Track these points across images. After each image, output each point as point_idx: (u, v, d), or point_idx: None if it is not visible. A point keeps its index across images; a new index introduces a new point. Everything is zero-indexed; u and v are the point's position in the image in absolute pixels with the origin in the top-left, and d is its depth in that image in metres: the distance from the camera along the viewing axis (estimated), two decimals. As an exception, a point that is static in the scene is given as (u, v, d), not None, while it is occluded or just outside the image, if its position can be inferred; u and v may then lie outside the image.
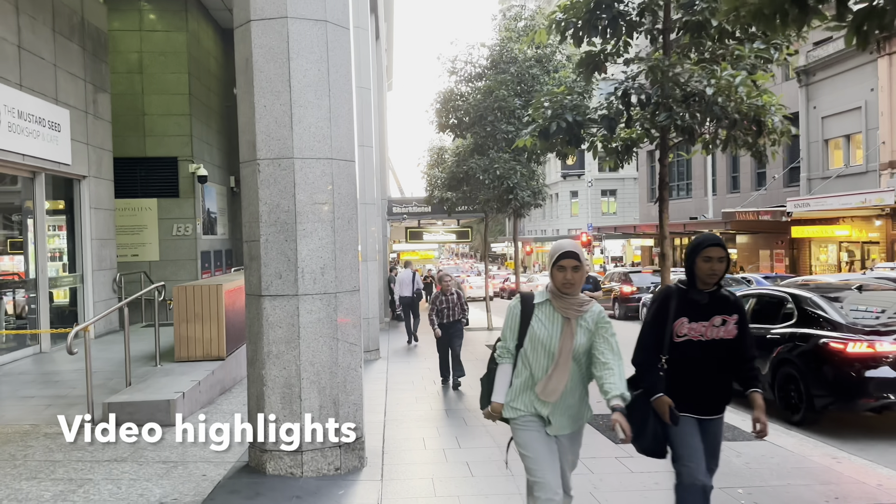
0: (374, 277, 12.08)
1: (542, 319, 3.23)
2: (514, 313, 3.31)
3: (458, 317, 9.46)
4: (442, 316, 9.40)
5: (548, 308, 3.25)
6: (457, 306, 9.44)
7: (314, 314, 5.07)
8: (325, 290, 5.10)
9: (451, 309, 9.36)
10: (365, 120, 11.75)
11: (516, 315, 3.30)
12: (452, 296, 9.42)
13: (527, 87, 12.50)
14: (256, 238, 5.11)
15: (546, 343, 3.20)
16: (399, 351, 13.68)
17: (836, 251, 27.65)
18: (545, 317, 3.24)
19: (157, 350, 8.42)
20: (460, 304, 9.52)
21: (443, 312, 9.39)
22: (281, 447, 5.01)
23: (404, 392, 8.82)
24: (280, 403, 5.07)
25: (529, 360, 3.26)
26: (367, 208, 11.92)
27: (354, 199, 5.35)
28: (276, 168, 5.05)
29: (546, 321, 3.23)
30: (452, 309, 9.37)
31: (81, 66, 10.96)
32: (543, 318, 3.24)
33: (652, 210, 42.59)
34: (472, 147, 12.79)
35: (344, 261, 5.21)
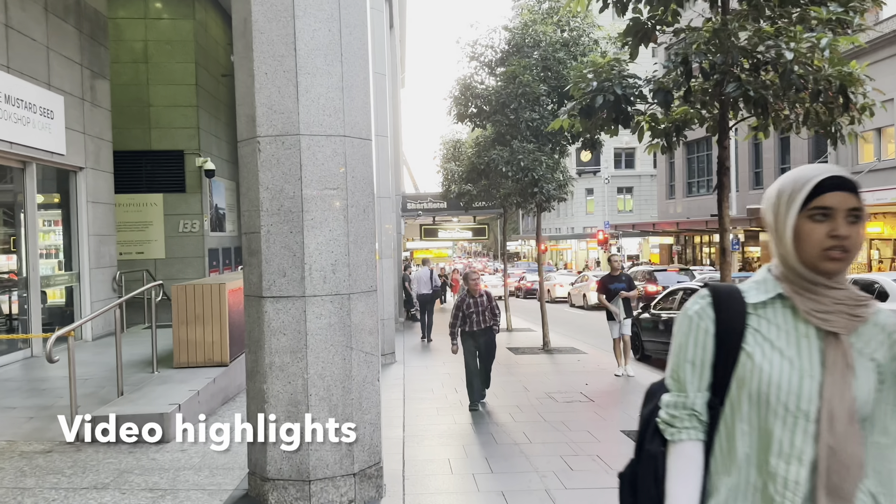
0: (389, 276, 11.32)
1: (774, 338, 1.46)
2: (700, 327, 1.51)
3: (489, 323, 7.91)
4: (469, 323, 7.84)
5: (781, 313, 1.48)
6: (487, 311, 7.89)
7: (324, 319, 4.30)
8: (336, 291, 4.32)
9: (480, 314, 7.86)
10: (380, 108, 10.99)
11: (705, 331, 1.51)
12: (482, 297, 7.88)
13: (553, 72, 11.67)
14: (256, 230, 4.35)
15: (791, 391, 1.41)
16: (415, 352, 12.92)
17: (865, 249, 26.62)
18: (779, 332, 1.46)
19: (154, 355, 7.71)
20: (491, 307, 7.93)
21: (470, 318, 7.84)
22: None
23: (424, 402, 8.04)
24: (285, 423, 4.30)
25: (750, 431, 1.46)
26: (382, 202, 11.17)
27: (371, 184, 4.57)
28: (279, 146, 4.29)
29: (784, 341, 1.45)
30: (482, 314, 7.86)
31: (77, 49, 10.26)
32: (775, 334, 1.46)
33: (670, 207, 41.56)
34: (494, 137, 11.97)
35: (359, 256, 4.44)
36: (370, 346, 4.50)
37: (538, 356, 12.00)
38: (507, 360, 11.57)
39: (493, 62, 12.34)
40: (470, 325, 7.86)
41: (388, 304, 11.30)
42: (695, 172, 39.71)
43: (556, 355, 12.09)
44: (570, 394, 8.42)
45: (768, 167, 31.72)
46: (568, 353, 12.39)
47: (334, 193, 4.32)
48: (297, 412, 4.29)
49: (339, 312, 4.33)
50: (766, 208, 1.54)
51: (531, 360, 11.65)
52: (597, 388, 8.87)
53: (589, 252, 57.45)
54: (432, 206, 21.09)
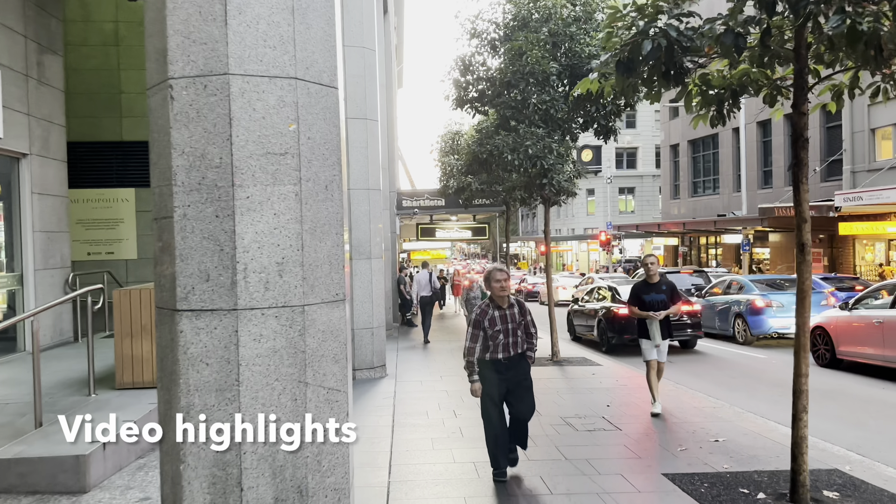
0: (379, 278, 9.99)
1: None
2: None
3: (521, 347, 5.29)
4: (493, 347, 5.21)
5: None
6: (520, 328, 5.28)
7: (265, 342, 2.97)
8: (284, 302, 3.00)
9: (509, 334, 5.22)
10: (369, 86, 9.67)
11: None
12: (512, 309, 5.28)
13: (565, 50, 10.35)
14: (168, 213, 3.02)
15: None
16: (410, 362, 11.58)
17: (884, 249, 25.38)
18: None
19: (91, 375, 6.39)
20: (525, 322, 5.33)
21: (494, 340, 5.19)
22: (207, 572, 2.92)
23: (417, 430, 6.71)
24: (208, 495, 2.97)
25: None
26: (372, 195, 9.85)
27: (338, 150, 3.24)
28: (199, 92, 2.96)
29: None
30: (513, 334, 5.23)
31: (20, 18, 8.92)
32: None
33: (674, 208, 40.35)
34: (498, 123, 10.65)
35: (318, 252, 3.11)
36: (335, 380, 3.17)
37: (547, 369, 10.67)
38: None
39: (496, 40, 11.01)
40: (493, 350, 5.21)
41: (379, 310, 9.98)
42: (700, 172, 38.59)
43: (567, 367, 10.76)
44: (590, 419, 7.09)
45: (778, 166, 30.55)
46: (580, 364, 11.06)
47: (281, 161, 3.00)
48: (226, 479, 2.95)
49: (287, 333, 3.00)
50: None
51: (540, 373, 10.29)
52: (620, 410, 7.55)
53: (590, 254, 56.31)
54: (429, 203, 19.77)
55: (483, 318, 5.25)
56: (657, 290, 7.46)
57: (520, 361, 5.30)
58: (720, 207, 35.15)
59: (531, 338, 5.38)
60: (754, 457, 5.64)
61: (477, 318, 5.28)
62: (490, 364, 5.23)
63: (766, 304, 13.46)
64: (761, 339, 13.87)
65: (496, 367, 5.23)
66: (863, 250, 26.53)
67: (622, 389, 8.81)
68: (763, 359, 12.07)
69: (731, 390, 9.05)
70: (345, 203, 3.33)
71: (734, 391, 9.02)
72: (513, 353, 5.24)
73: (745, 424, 6.83)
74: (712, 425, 6.70)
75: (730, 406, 7.88)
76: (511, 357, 5.23)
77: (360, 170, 9.61)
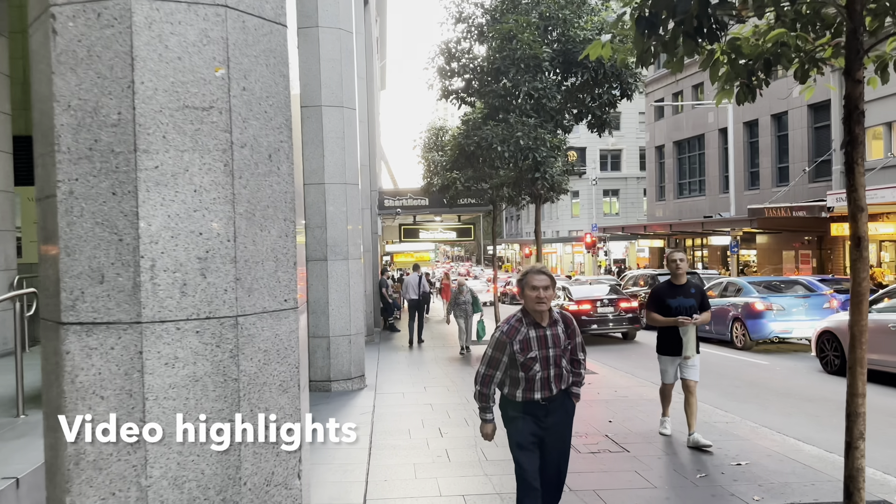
0: (357, 281, 9.17)
1: None
2: None
3: (565, 383, 3.66)
4: (527, 383, 3.60)
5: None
6: (564, 357, 3.64)
7: (183, 368, 2.17)
8: (209, 312, 2.19)
9: (550, 364, 3.60)
10: (346, 72, 8.86)
11: None
12: (555, 329, 3.64)
13: (557, 34, 9.62)
14: (52, 191, 2.20)
15: None
16: (392, 371, 10.77)
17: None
18: None
19: (20, 393, 5.51)
20: (573, 346, 3.71)
21: (529, 373, 3.58)
22: None
23: (398, 453, 5.89)
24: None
25: None
26: (350, 190, 9.04)
27: (286, 107, 2.44)
28: (90, 23, 2.15)
29: None
30: (554, 364, 3.60)
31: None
32: None
33: (658, 210, 39.89)
34: (486, 113, 9.88)
35: (259, 243, 2.31)
36: (282, 417, 2.36)
37: (539, 378, 9.91)
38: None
39: (483, 25, 10.25)
40: (527, 386, 3.59)
41: (358, 315, 9.16)
42: (686, 173, 38.16)
43: (561, 376, 10.00)
44: (592, 437, 6.33)
45: (765, 166, 30.15)
46: (573, 372, 10.30)
47: (205, 119, 2.19)
48: (125, 556, 2.14)
49: (213, 354, 2.19)
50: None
51: (531, 383, 9.55)
52: (625, 426, 6.80)
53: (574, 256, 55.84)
54: (412, 203, 18.95)
55: (511, 338, 3.55)
56: (685, 293, 6.06)
57: (563, 403, 3.63)
58: (706, 209, 34.74)
59: (579, 366, 3.71)
60: (786, 484, 4.90)
61: (501, 338, 3.56)
62: (521, 406, 3.59)
63: (766, 307, 12.82)
64: (760, 344, 13.23)
65: (531, 410, 3.58)
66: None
67: (622, 402, 8.07)
68: (766, 365, 11.39)
69: (740, 401, 8.35)
70: (297, 180, 2.52)
71: (743, 402, 8.31)
72: (555, 392, 3.57)
73: (765, 443, 6.10)
74: (729, 445, 5.96)
75: (742, 420, 7.17)
76: (552, 398, 3.57)
77: (336, 163, 8.80)
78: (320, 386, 8.73)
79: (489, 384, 3.64)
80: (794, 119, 28.06)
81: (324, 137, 8.67)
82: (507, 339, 3.57)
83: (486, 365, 3.64)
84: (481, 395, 3.66)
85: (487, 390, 3.64)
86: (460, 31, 10.41)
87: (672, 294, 6.09)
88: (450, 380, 9.93)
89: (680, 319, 5.92)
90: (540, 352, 3.56)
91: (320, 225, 8.74)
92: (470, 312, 12.58)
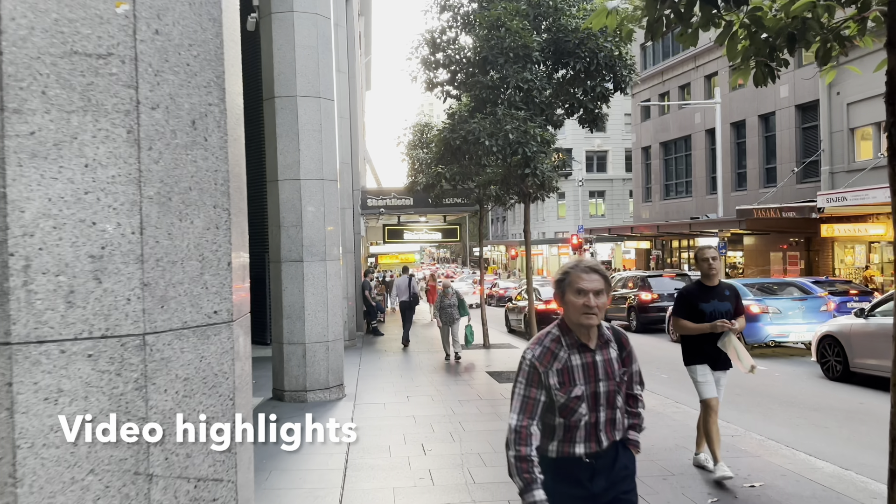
0: (336, 283, 8.60)
1: None
2: None
3: (621, 431, 2.51)
4: (567, 433, 2.43)
5: None
6: (619, 392, 2.48)
7: (70, 403, 1.61)
8: (105, 329, 1.63)
9: (601, 404, 2.44)
10: (323, 60, 8.29)
11: None
12: (606, 351, 2.48)
13: (549, 23, 9.11)
14: None
15: None
16: (374, 377, 10.20)
17: (863, 252, 24.76)
18: None
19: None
20: (629, 376, 2.54)
21: (572, 418, 2.41)
22: None
23: (375, 475, 5.33)
24: None
25: None
26: (328, 187, 8.46)
27: (218, 60, 1.88)
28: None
29: None
30: (607, 404, 2.45)
31: None
32: None
33: (644, 211, 39.64)
34: (473, 106, 9.35)
35: (178, 237, 1.75)
36: (210, 464, 1.81)
37: (529, 385, 9.39)
38: (489, 392, 8.95)
39: (469, 14, 9.73)
40: (567, 438, 2.44)
41: (336, 320, 8.58)
42: (672, 174, 37.95)
43: (551, 384, 9.49)
44: (589, 454, 5.80)
45: (752, 167, 29.95)
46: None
47: (101, 70, 1.64)
48: None
49: (112, 385, 1.64)
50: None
51: (521, 391, 9.02)
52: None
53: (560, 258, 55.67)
54: (396, 202, 18.40)
55: (546, 365, 2.40)
56: (719, 296, 5.18)
57: (617, 457, 2.48)
58: (693, 210, 34.54)
59: (636, 403, 2.58)
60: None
61: (532, 367, 2.40)
62: (553, 467, 2.43)
63: (761, 309, 12.38)
64: (756, 348, 12.80)
65: (569, 473, 2.44)
66: (842, 253, 25.91)
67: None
68: (764, 371, 10.95)
69: (742, 411, 7.87)
70: (235, 157, 1.97)
71: (745, 412, 7.84)
72: (605, 444, 2.45)
73: (776, 460, 5.61)
74: (739, 463, 5.47)
75: (746, 432, 6.68)
76: (602, 452, 2.45)
77: (312, 157, 8.23)
78: (295, 396, 8.15)
79: (528, 441, 2.31)
80: (782, 120, 27.87)
81: (299, 130, 8.09)
82: (542, 365, 2.38)
83: (520, 411, 2.36)
84: (520, 463, 2.30)
85: (528, 450, 2.30)
86: (445, 20, 9.87)
87: (705, 297, 5.18)
88: (434, 388, 9.38)
89: (719, 324, 5.02)
90: (587, 386, 2.40)
91: (296, 224, 8.16)
92: (456, 316, 11.99)
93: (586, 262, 2.45)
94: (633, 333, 17.70)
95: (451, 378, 10.34)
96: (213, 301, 1.82)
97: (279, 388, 8.23)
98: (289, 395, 8.15)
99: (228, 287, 1.86)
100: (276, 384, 8.32)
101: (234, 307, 1.87)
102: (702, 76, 33.05)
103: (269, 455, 5.46)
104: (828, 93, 25.00)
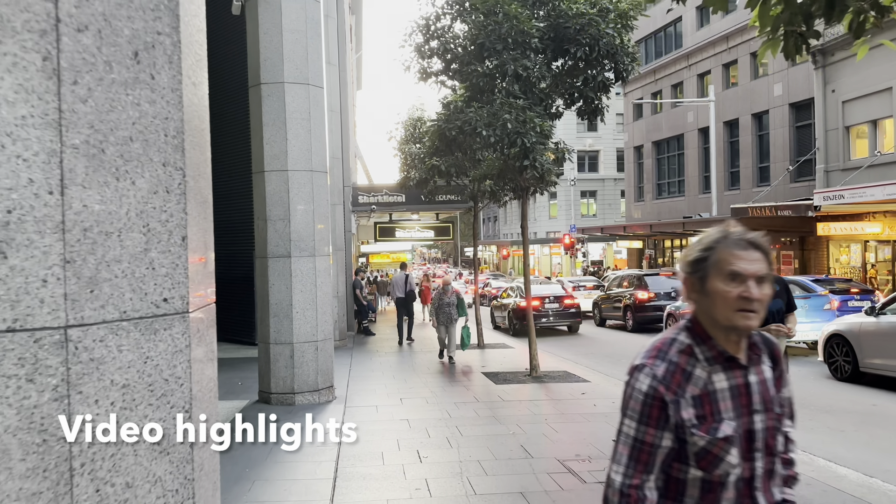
0: (325, 280, 8.18)
1: None
2: None
3: (779, 489, 1.66)
4: (707, 493, 1.54)
5: None
6: (779, 431, 1.63)
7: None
8: (13, 321, 1.22)
9: (759, 448, 1.58)
10: (312, 45, 7.87)
11: None
12: (759, 370, 1.63)
13: (549, 8, 8.74)
14: None
15: None
16: (366, 380, 9.77)
17: (859, 251, 24.57)
18: None
19: None
20: (784, 407, 1.67)
21: (713, 472, 1.53)
22: None
23: (368, 485, 4.93)
24: None
25: None
26: (317, 178, 8.05)
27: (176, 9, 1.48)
28: None
29: None
30: (764, 450, 1.59)
31: None
32: None
33: (637, 211, 39.41)
34: (469, 95, 8.96)
35: (112, 200, 1.34)
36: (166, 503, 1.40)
37: (527, 386, 9.02)
38: (486, 394, 8.56)
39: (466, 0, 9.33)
40: (707, 501, 1.55)
41: (325, 318, 8.17)
42: (665, 173, 37.77)
43: (550, 385, 9.12)
44: (597, 461, 5.42)
45: (746, 166, 29.75)
46: (563, 380, 9.43)
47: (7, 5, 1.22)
48: None
49: (22, 395, 1.23)
50: None
51: (519, 392, 8.65)
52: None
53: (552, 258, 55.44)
54: (388, 199, 17.98)
55: (675, 390, 1.55)
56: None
57: None
58: (685, 209, 34.36)
59: (789, 447, 1.74)
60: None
61: (650, 396, 1.55)
62: None
63: None
64: (757, 348, 12.47)
65: None
66: (837, 252, 25.72)
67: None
68: (768, 371, 10.62)
69: (751, 413, 7.51)
70: (189, 102, 1.56)
71: (754, 414, 7.48)
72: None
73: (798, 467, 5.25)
74: (757, 470, 5.10)
75: (759, 436, 6.32)
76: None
77: (301, 147, 7.81)
78: (282, 399, 7.73)
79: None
80: (775, 118, 27.70)
81: (287, 118, 7.68)
82: (668, 394, 1.55)
83: (629, 463, 1.57)
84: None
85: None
86: (440, 6, 9.47)
87: None
88: (429, 390, 8.98)
89: (773, 328, 4.33)
90: (739, 422, 1.57)
91: (283, 217, 7.74)
92: (454, 317, 11.51)
93: (738, 232, 1.58)
94: (629, 333, 17.36)
95: (446, 379, 9.95)
96: (163, 286, 1.42)
97: (265, 390, 7.80)
98: (276, 397, 7.73)
99: (183, 268, 1.45)
100: (262, 386, 7.89)
101: (189, 294, 1.46)
102: (694, 75, 32.86)
103: (253, 463, 5.04)
104: (823, 91, 24.85)
